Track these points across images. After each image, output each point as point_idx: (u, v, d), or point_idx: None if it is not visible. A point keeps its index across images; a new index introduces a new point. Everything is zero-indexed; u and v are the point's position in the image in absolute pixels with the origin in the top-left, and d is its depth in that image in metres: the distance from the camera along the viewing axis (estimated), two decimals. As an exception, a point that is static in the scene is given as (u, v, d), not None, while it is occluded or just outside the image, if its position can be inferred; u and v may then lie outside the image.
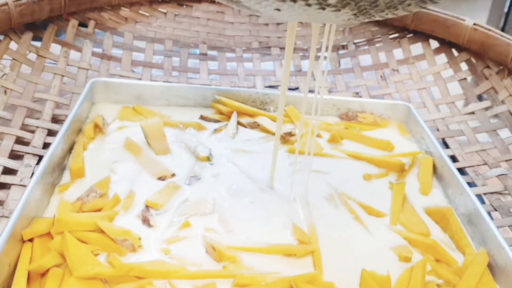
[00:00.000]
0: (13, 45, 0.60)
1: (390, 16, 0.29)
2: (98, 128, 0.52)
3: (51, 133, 0.53)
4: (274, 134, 0.55)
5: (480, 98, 0.66)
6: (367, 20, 0.29)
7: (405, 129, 0.60)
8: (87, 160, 0.48)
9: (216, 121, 0.57)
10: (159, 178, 0.47)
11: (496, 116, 0.62)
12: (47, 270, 0.35)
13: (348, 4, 0.26)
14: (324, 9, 0.26)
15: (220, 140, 0.54)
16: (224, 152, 0.52)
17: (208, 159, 0.50)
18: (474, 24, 0.67)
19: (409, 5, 0.28)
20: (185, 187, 0.46)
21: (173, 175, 0.47)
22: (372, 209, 0.46)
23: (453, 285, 0.39)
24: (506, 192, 0.52)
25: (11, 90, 0.56)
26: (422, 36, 0.74)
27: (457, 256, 0.42)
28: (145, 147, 0.51)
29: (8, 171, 0.47)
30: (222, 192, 0.46)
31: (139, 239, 0.39)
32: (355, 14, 0.27)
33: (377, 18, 0.28)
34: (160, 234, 0.41)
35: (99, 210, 0.42)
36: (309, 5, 0.26)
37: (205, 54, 0.72)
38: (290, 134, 0.55)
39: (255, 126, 0.57)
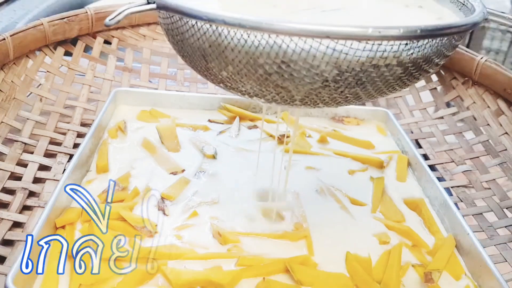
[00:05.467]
0: (47, 60, 0.60)
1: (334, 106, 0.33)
2: (120, 130, 0.52)
3: (80, 135, 0.53)
4: (271, 135, 0.55)
5: (448, 105, 0.66)
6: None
7: (383, 129, 0.60)
8: (110, 158, 0.47)
9: (222, 124, 0.57)
10: (171, 173, 0.47)
11: (462, 120, 0.62)
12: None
13: (306, 103, 0.31)
14: (291, 105, 0.31)
15: (224, 140, 0.53)
16: (228, 150, 0.52)
17: (214, 156, 0.50)
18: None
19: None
20: (194, 181, 0.46)
21: (183, 170, 0.47)
22: (355, 199, 0.46)
23: (425, 265, 0.39)
24: (471, 185, 0.52)
25: (46, 98, 0.56)
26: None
27: (429, 240, 0.42)
28: (159, 145, 0.50)
29: (43, 167, 0.47)
30: (226, 185, 0.46)
31: (156, 226, 0.39)
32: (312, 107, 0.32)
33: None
34: (173, 222, 0.41)
35: (121, 201, 0.42)
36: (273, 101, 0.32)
37: (212, 67, 0.72)
38: (285, 135, 0.55)
39: (254, 128, 0.56)
